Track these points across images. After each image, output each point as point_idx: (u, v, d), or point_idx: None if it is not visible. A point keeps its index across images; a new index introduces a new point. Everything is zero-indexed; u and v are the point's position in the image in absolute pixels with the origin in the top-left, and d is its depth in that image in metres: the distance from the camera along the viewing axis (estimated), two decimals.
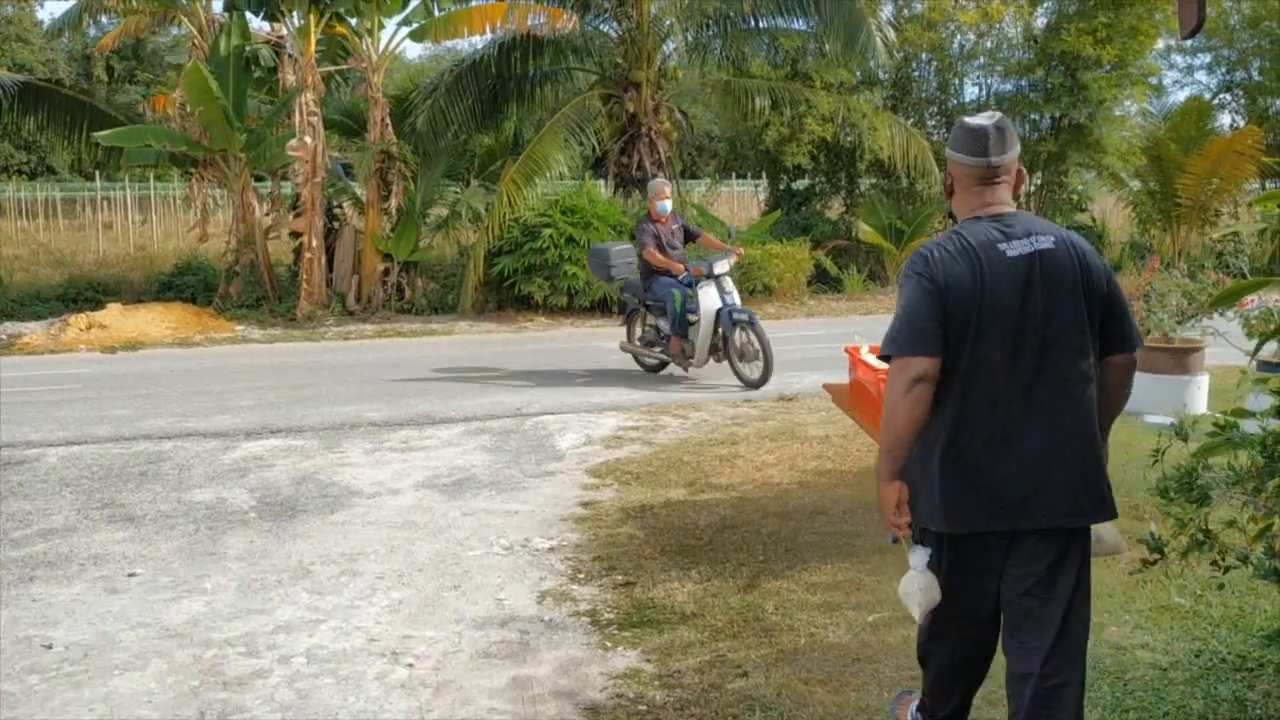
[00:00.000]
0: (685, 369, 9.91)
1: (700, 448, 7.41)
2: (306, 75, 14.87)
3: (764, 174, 20.08)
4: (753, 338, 9.38)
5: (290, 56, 15.61)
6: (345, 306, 15.62)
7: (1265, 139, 19.43)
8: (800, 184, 19.78)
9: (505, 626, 4.41)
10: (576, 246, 14.86)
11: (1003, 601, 2.95)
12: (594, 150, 16.90)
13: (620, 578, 4.91)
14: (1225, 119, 22.02)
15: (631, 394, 9.50)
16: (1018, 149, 3.00)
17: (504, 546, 5.43)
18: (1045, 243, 2.84)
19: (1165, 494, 2.62)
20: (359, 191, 16.10)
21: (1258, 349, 3.40)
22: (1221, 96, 22.29)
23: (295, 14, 15.32)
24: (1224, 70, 22.02)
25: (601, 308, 15.32)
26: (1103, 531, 4.14)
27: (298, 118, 14.90)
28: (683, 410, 8.76)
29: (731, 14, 16.71)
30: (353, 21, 15.93)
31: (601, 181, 17.11)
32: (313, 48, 14.98)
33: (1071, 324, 2.81)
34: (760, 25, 17.22)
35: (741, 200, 21.47)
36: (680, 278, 9.73)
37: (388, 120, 15.67)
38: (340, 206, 16.88)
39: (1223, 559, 2.74)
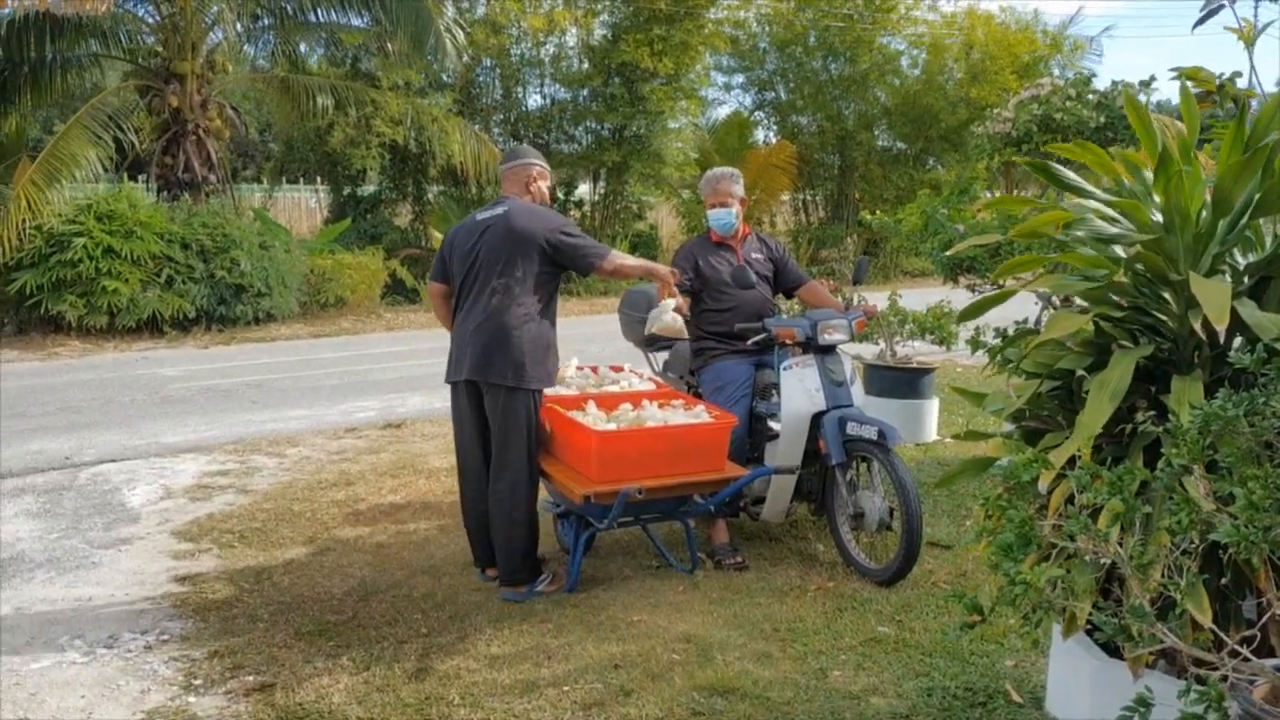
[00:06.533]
0: (754, 516, 5.27)
1: (311, 492, 6.40)
2: None
3: (323, 179, 18.81)
4: (883, 480, 4.81)
5: None
6: None
7: (796, 153, 21.26)
8: (366, 190, 18.78)
9: None
10: (116, 258, 12.94)
11: None
12: (133, 148, 14.84)
13: (252, 678, 3.90)
14: (761, 134, 23.79)
15: (210, 430, 8.19)
16: (523, 161, 4.93)
17: (83, 652, 4.19)
18: (499, 212, 4.74)
19: (1007, 551, 2.24)
20: None
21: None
22: (756, 114, 24.08)
23: None
24: (756, 90, 23.76)
25: (150, 326, 13.43)
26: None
27: None
28: (276, 446, 7.65)
29: (287, 5, 15.41)
30: None
31: (143, 184, 15.06)
32: None
33: (494, 260, 4.64)
34: (319, 19, 16.05)
35: (300, 206, 19.93)
36: (748, 345, 5.24)
37: None
38: None
39: (1034, 613, 2.44)
